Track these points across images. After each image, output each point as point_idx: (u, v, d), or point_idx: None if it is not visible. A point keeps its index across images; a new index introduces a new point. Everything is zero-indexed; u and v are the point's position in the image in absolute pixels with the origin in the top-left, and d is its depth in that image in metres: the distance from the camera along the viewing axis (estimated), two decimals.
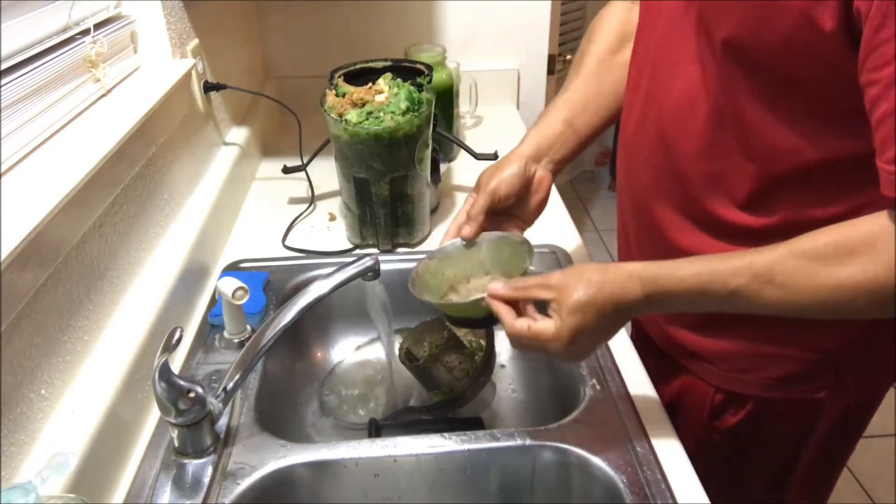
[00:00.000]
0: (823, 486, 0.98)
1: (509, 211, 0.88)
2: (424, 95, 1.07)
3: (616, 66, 0.91)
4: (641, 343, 0.93)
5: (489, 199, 0.84)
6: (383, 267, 0.81)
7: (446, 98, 1.40)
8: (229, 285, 0.84)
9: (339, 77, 1.11)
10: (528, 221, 0.90)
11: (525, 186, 0.87)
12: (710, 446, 0.88)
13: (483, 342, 0.99)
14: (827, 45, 0.59)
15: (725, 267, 0.65)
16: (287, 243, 1.15)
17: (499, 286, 0.72)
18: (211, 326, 0.94)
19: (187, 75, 1.06)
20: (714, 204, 0.76)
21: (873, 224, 0.60)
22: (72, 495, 0.61)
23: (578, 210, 3.29)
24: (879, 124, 0.57)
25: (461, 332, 0.99)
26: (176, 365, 0.87)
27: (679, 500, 0.69)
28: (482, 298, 0.73)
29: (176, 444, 0.73)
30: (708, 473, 0.74)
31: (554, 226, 1.18)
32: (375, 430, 0.89)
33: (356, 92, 1.05)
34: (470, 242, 0.85)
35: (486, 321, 0.78)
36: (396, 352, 0.96)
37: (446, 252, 0.86)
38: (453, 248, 0.86)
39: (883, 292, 0.59)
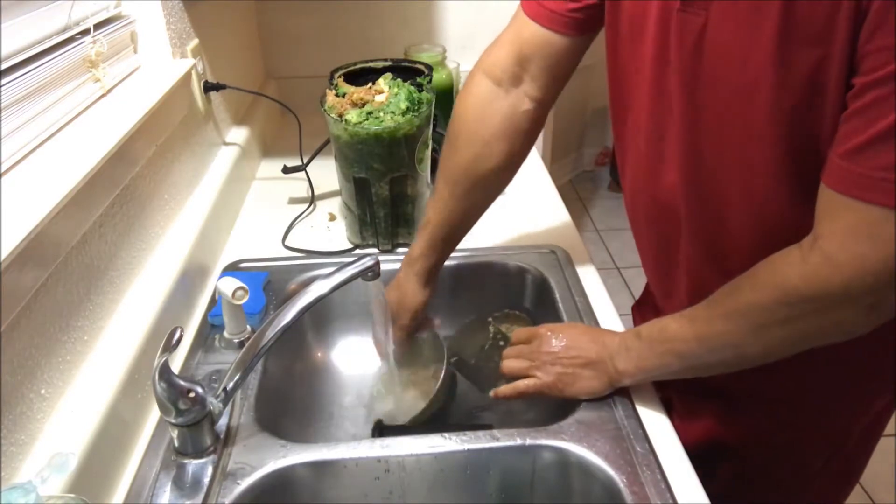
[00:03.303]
0: (838, 492, 0.98)
1: None
2: (424, 95, 1.07)
3: (482, 177, 0.89)
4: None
5: (406, 334, 0.96)
6: (383, 267, 0.81)
7: (446, 98, 1.39)
8: (229, 285, 0.84)
9: (339, 77, 1.11)
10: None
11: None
12: (741, 458, 0.89)
13: None
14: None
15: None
16: (287, 243, 1.15)
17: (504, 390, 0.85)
18: (211, 326, 0.94)
19: (187, 75, 1.06)
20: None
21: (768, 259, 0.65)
22: (72, 495, 0.61)
23: (578, 210, 3.29)
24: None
25: (504, 328, 1.01)
26: (176, 365, 0.87)
27: (679, 500, 0.69)
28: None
29: (176, 444, 0.72)
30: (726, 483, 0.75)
31: (554, 226, 1.18)
32: (379, 432, 0.89)
33: (356, 92, 1.05)
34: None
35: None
36: (391, 354, 0.96)
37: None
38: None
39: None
